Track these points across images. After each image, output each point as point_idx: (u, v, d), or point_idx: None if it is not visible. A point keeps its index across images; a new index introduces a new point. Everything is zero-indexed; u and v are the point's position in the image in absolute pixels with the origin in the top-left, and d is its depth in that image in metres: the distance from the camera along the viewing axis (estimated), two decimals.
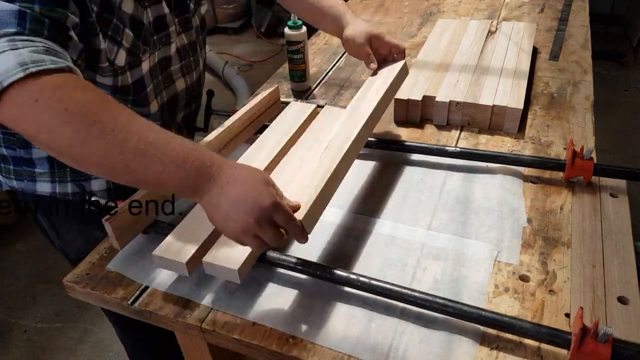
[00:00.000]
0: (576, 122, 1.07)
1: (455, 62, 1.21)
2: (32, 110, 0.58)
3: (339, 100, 1.21)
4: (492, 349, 0.64)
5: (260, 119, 1.07)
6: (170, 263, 0.71)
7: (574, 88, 1.19)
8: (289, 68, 1.24)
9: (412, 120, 1.10)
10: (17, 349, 1.76)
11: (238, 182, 0.63)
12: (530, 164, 0.92)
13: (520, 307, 0.69)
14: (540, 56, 1.33)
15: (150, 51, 0.88)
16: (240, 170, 0.65)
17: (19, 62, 0.58)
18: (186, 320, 0.70)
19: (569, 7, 1.60)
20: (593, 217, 0.82)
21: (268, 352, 0.66)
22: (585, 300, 0.68)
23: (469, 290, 0.72)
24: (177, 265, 0.71)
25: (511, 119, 1.04)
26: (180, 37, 0.95)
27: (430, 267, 0.75)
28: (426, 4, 1.73)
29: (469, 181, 0.92)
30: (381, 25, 1.59)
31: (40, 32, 0.63)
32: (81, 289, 0.76)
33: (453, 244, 0.79)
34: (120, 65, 0.82)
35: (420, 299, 0.66)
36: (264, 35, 3.79)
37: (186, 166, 0.61)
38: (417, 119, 1.10)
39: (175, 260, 0.70)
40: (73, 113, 0.59)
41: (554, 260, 0.76)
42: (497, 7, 1.65)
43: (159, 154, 0.60)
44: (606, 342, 0.58)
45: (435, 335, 0.66)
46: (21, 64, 0.58)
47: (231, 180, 0.63)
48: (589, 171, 0.86)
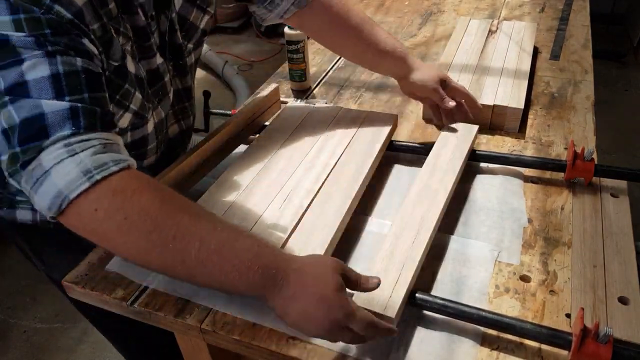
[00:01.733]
0: (577, 121, 1.06)
1: (455, 61, 1.21)
2: (92, 219, 0.57)
3: (339, 101, 1.21)
4: (492, 350, 0.64)
5: (260, 119, 1.06)
6: None
7: (574, 88, 1.18)
8: (288, 68, 1.24)
9: None
10: (16, 349, 1.76)
11: (306, 291, 0.59)
12: (530, 164, 0.91)
13: (521, 308, 0.69)
14: (540, 56, 1.33)
15: (153, 108, 0.85)
16: (308, 276, 0.60)
17: (82, 170, 0.56)
18: (186, 320, 0.69)
19: (570, 6, 1.60)
20: (594, 217, 0.82)
21: (268, 352, 0.66)
22: (586, 300, 0.68)
23: (470, 290, 0.71)
24: None
25: (512, 119, 1.04)
26: (175, 82, 0.91)
27: (430, 267, 0.75)
28: (427, 4, 1.72)
29: (470, 181, 0.92)
30: (381, 25, 1.58)
31: (94, 126, 0.60)
32: (80, 289, 0.76)
33: (453, 244, 0.79)
34: (122, 128, 0.78)
35: (420, 299, 0.66)
36: (264, 34, 3.79)
37: (250, 275, 0.58)
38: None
39: None
40: (132, 222, 0.57)
41: (554, 260, 0.76)
42: (498, 6, 1.65)
43: (221, 262, 0.58)
44: (607, 343, 0.58)
45: (435, 335, 0.66)
46: (85, 173, 0.56)
47: (298, 290, 0.59)
48: (590, 172, 0.86)
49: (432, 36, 1.49)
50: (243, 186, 0.85)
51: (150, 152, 0.89)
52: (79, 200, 0.56)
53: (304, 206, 0.80)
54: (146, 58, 0.80)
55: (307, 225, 0.77)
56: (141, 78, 0.79)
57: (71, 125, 0.58)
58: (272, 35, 3.78)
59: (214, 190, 0.85)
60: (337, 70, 1.35)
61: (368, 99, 1.21)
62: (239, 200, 0.82)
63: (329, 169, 0.87)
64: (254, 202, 0.81)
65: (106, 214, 0.57)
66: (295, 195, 0.82)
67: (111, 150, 0.60)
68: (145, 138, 0.85)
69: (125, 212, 0.57)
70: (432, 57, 1.37)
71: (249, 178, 0.87)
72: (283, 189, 0.84)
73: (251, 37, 3.91)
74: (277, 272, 0.59)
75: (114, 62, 0.71)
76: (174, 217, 0.58)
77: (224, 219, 0.62)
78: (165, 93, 0.87)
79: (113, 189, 0.57)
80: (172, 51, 0.86)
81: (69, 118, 0.58)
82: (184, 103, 0.96)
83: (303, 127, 1.00)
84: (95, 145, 0.59)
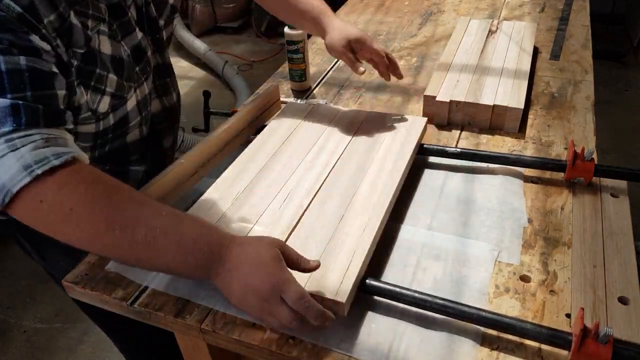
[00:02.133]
0: (577, 121, 1.06)
1: (455, 61, 1.21)
2: (39, 212, 0.59)
3: (339, 101, 1.21)
4: (492, 350, 0.64)
5: (260, 119, 1.06)
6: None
7: (574, 88, 1.18)
8: (288, 68, 1.24)
9: None
10: (16, 349, 1.76)
11: (247, 261, 0.62)
12: (530, 164, 0.91)
13: (520, 308, 0.69)
14: (541, 56, 1.33)
15: (136, 86, 0.85)
16: (249, 248, 0.63)
17: (22, 165, 0.57)
18: (186, 320, 0.69)
19: (570, 6, 1.60)
20: (594, 217, 0.82)
21: (268, 352, 0.66)
22: (586, 300, 0.68)
23: (470, 290, 0.71)
24: None
25: (512, 119, 1.04)
26: (155, 57, 0.92)
27: (430, 267, 0.75)
28: (427, 4, 1.72)
29: (470, 181, 0.92)
30: (382, 25, 1.59)
31: (36, 122, 0.61)
32: (80, 289, 0.75)
33: (453, 244, 0.79)
34: (103, 112, 0.79)
35: (420, 299, 0.66)
36: (264, 34, 3.79)
37: (195, 253, 0.61)
38: None
39: None
40: (78, 213, 0.59)
41: (554, 260, 0.76)
42: (498, 6, 1.65)
43: (167, 244, 0.60)
44: (607, 343, 0.58)
45: (435, 335, 0.66)
46: (25, 167, 0.57)
47: (238, 261, 0.62)
48: (590, 172, 0.86)
49: (432, 36, 1.49)
50: (243, 186, 0.85)
51: (133, 128, 0.89)
52: (23, 193, 0.58)
53: (304, 206, 0.80)
54: (128, 35, 0.81)
55: (307, 226, 0.77)
56: (120, 58, 0.79)
57: (12, 122, 0.59)
58: (272, 36, 3.78)
59: (214, 190, 0.84)
60: (337, 70, 1.35)
61: (368, 99, 1.21)
62: (239, 200, 0.82)
63: (329, 169, 0.87)
64: (254, 202, 0.81)
65: (51, 206, 0.59)
66: (296, 195, 0.82)
67: (55, 144, 0.61)
68: (126, 116, 0.85)
69: (70, 203, 0.59)
70: (432, 57, 1.37)
71: (249, 178, 0.87)
72: (283, 188, 0.84)
73: (251, 37, 3.91)
74: (220, 249, 0.63)
75: (79, 49, 0.71)
76: (119, 205, 0.61)
77: (169, 206, 0.65)
78: (150, 69, 0.88)
79: (58, 181, 0.59)
80: (149, 25, 0.87)
81: (10, 115, 0.60)
82: (165, 79, 0.96)
83: (303, 126, 1.00)
84: (36, 140, 0.60)
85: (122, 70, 0.80)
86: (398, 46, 1.45)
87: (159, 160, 1.01)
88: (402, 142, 0.93)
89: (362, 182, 0.84)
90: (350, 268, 0.69)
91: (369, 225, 0.75)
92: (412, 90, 1.23)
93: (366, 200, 0.80)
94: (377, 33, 1.54)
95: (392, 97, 1.21)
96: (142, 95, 0.87)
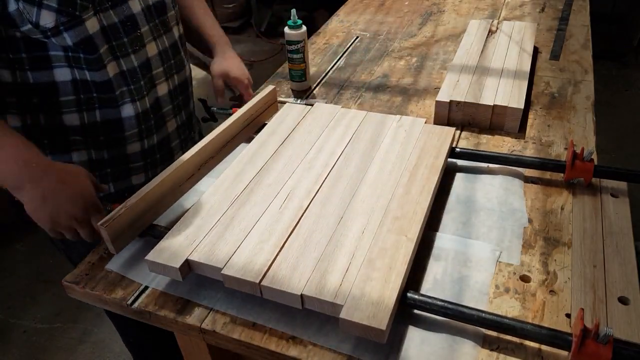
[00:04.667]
0: (577, 122, 1.06)
1: (455, 61, 1.21)
2: None
3: (339, 101, 1.21)
4: (492, 350, 0.64)
5: (260, 119, 1.06)
6: (163, 267, 0.71)
7: (574, 88, 1.18)
8: (288, 68, 1.24)
9: None
10: (16, 349, 1.76)
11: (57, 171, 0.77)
12: (530, 164, 0.91)
13: (521, 308, 0.69)
14: (541, 56, 1.33)
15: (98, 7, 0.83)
16: (60, 166, 0.78)
17: None
18: (186, 320, 0.70)
19: (570, 6, 1.60)
20: (594, 218, 0.82)
21: (268, 352, 0.66)
22: (586, 300, 0.68)
23: (471, 290, 0.71)
24: (170, 270, 0.71)
25: (512, 119, 1.04)
26: (161, 41, 0.95)
27: (430, 267, 0.75)
28: (427, 4, 1.72)
29: (470, 181, 0.92)
30: (382, 25, 1.59)
31: None
32: (80, 289, 0.76)
33: (454, 244, 0.79)
34: (50, 27, 0.79)
35: (420, 301, 0.66)
36: (264, 34, 3.79)
37: (11, 165, 0.74)
38: None
39: (168, 265, 0.70)
40: None
41: (554, 260, 0.76)
42: (498, 6, 1.65)
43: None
44: (607, 343, 0.58)
45: (435, 336, 0.66)
46: None
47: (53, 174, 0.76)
48: (589, 173, 0.86)
49: (432, 36, 1.49)
50: (243, 186, 0.85)
51: (120, 98, 0.90)
52: None
53: (304, 207, 0.79)
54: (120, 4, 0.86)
55: (306, 227, 0.77)
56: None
57: None
58: (272, 36, 3.78)
59: (213, 190, 0.84)
60: (337, 70, 1.35)
61: (368, 99, 1.21)
62: (239, 200, 0.82)
63: (329, 169, 0.87)
64: (254, 202, 0.81)
65: None
66: (295, 196, 0.82)
67: None
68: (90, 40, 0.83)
69: None
70: (432, 57, 1.37)
71: (248, 178, 0.87)
72: (283, 189, 0.84)
73: (251, 37, 3.91)
74: (37, 166, 0.75)
75: None
76: None
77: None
78: (141, 45, 0.91)
79: None
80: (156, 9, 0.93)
81: None
82: (171, 60, 1.00)
83: (303, 127, 1.00)
84: None
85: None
86: (398, 46, 1.45)
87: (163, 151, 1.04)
88: (401, 143, 0.92)
89: (362, 183, 0.84)
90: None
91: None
92: (412, 91, 1.23)
93: (366, 201, 0.80)
94: (377, 33, 1.54)
95: (392, 97, 1.21)
96: (110, 21, 0.85)
